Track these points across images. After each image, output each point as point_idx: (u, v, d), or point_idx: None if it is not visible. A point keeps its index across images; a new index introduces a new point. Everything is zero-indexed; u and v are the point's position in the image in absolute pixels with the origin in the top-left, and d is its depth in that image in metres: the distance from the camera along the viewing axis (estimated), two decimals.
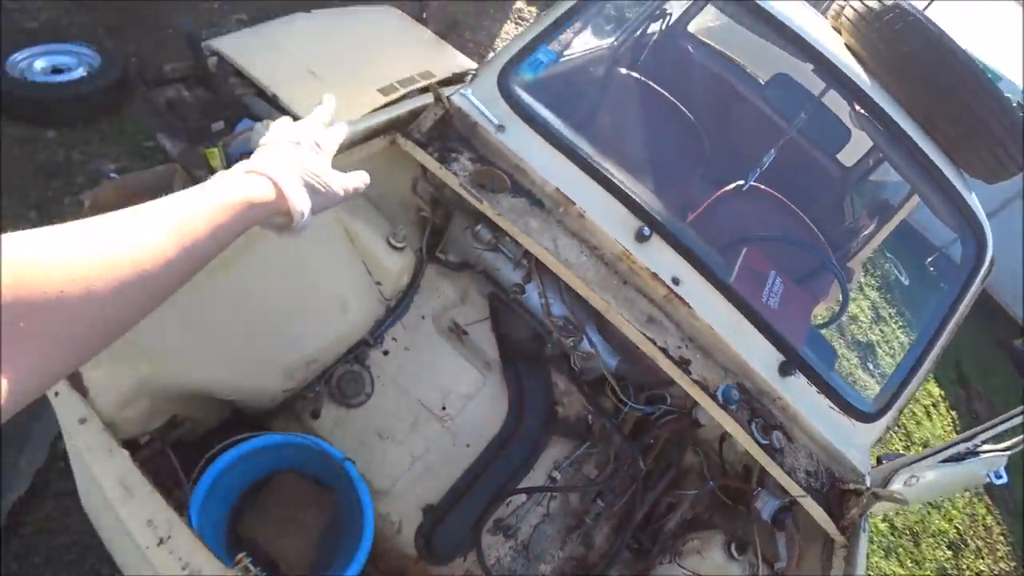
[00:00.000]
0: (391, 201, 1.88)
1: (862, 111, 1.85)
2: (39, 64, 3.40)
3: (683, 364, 1.58)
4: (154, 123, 3.34)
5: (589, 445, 1.85)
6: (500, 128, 1.71)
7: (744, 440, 1.57)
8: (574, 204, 1.66)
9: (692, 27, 3.86)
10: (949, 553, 4.35)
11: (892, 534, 4.05)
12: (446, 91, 1.74)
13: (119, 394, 1.30)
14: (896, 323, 5.78)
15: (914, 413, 5.14)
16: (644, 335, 1.56)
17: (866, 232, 3.05)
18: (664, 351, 1.57)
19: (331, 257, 1.70)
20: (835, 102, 2.87)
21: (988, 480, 2.80)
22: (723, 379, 1.63)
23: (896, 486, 2.13)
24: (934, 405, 5.42)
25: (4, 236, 0.46)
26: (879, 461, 2.32)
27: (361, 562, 1.43)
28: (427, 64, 3.14)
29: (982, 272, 1.87)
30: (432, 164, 1.64)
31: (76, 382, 1.22)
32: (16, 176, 2.99)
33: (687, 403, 1.80)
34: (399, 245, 1.75)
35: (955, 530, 4.54)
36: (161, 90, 3.21)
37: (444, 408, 1.80)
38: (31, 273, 0.45)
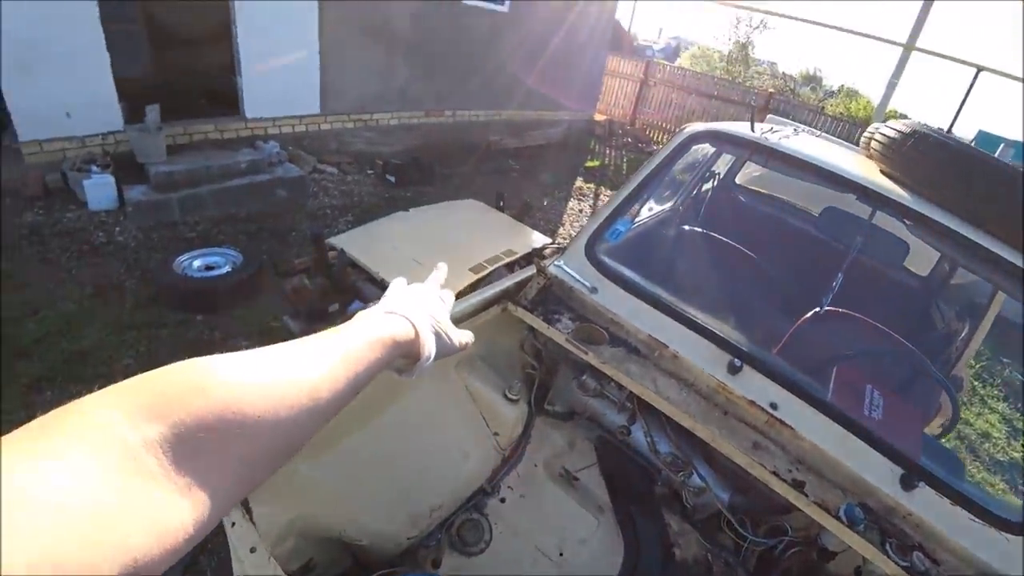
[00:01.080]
0: (502, 360, 2.12)
1: (912, 223, 1.98)
2: (196, 263, 4.22)
3: (798, 486, 1.60)
4: (281, 308, 3.91)
5: None
6: (593, 290, 1.99)
7: (881, 562, 1.51)
8: (667, 347, 1.84)
9: (740, 179, 4.22)
10: None
11: None
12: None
13: (278, 529, 1.43)
14: None
15: None
16: (753, 460, 1.61)
17: (962, 335, 2.97)
18: (776, 474, 1.60)
19: (455, 410, 1.92)
20: (885, 221, 3.00)
21: None
22: (843, 499, 1.62)
23: None
24: None
25: (208, 359, 0.48)
26: None
27: None
28: (509, 243, 3.63)
29: None
30: (541, 325, 1.90)
31: (248, 513, 1.33)
32: (170, 352, 3.55)
33: (811, 532, 1.75)
34: (514, 398, 1.95)
35: None
36: (288, 280, 3.81)
37: (561, 554, 1.82)
38: (236, 396, 0.46)
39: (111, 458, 0.36)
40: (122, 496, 0.35)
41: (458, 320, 1.89)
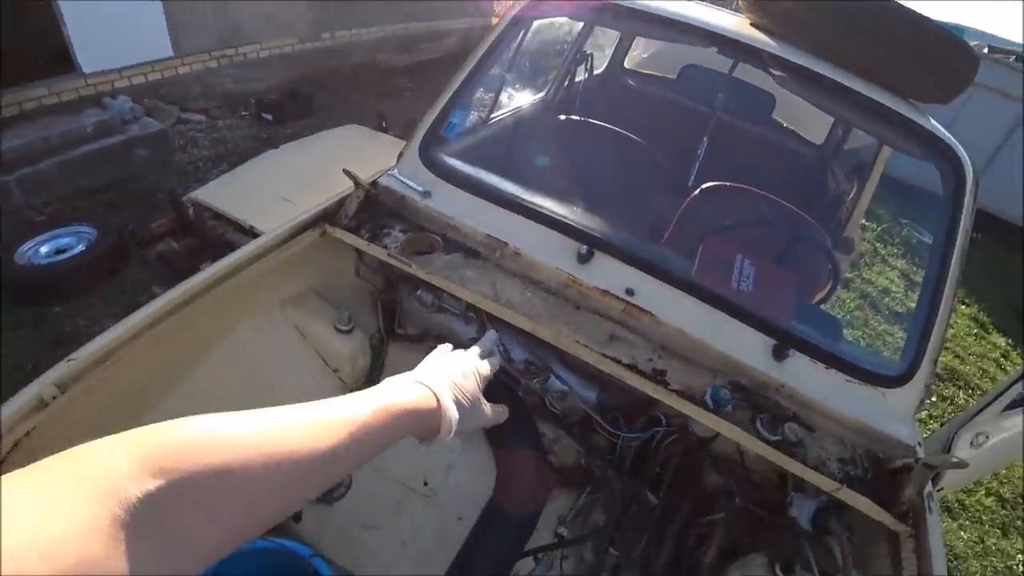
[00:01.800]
0: (342, 291, 1.83)
1: (780, 71, 1.74)
2: (43, 249, 3.63)
3: (658, 376, 1.41)
4: (150, 278, 3.46)
5: (590, 491, 1.63)
6: (426, 194, 1.71)
7: (747, 441, 1.35)
8: (507, 244, 1.60)
9: (629, 63, 3.91)
10: None
11: (1004, 507, 3.51)
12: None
13: None
14: None
15: (985, 371, 4.64)
16: (605, 355, 1.41)
17: (850, 196, 2.85)
18: (632, 367, 1.40)
19: (287, 351, 1.67)
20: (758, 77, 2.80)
21: None
22: (711, 382, 1.44)
23: (961, 452, 1.82)
24: (1004, 355, 4.90)
25: (211, 418, 0.49)
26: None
27: None
28: (389, 163, 3.22)
29: (968, 189, 1.66)
30: (360, 243, 1.60)
31: None
32: (29, 355, 3.07)
33: (685, 419, 1.60)
34: (345, 328, 1.69)
35: None
36: (153, 247, 3.36)
37: (426, 484, 1.64)
38: (235, 459, 0.46)
39: (107, 508, 0.36)
40: (109, 548, 0.35)
41: (271, 248, 1.59)
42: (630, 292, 1.52)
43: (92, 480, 0.36)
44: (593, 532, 1.56)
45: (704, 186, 1.98)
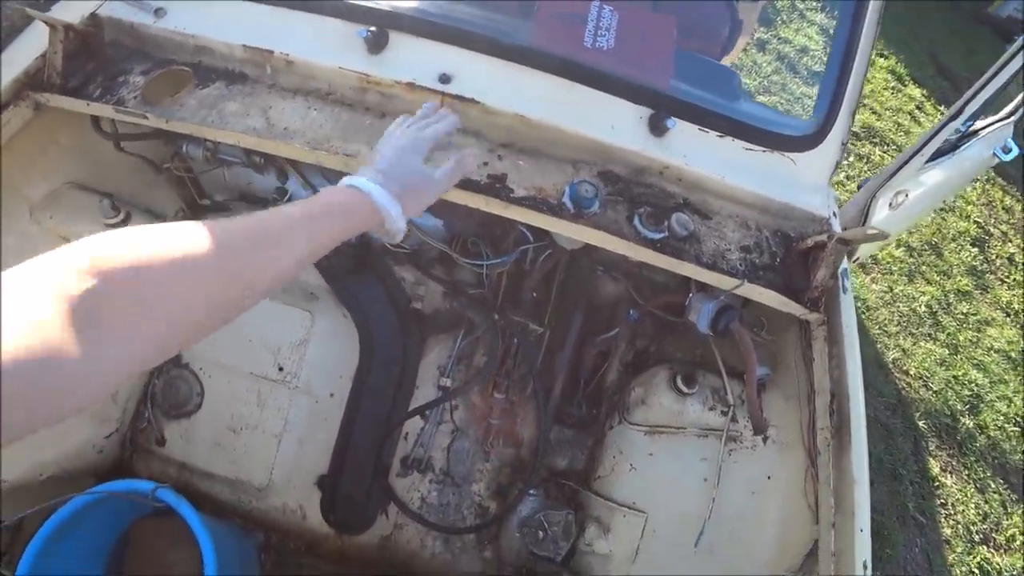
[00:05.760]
0: (113, 173, 1.27)
1: None
2: None
3: (495, 184, 0.95)
4: None
5: (466, 332, 1.28)
6: (159, 12, 1.10)
7: (623, 247, 0.95)
8: (272, 52, 1.04)
9: None
10: (975, 251, 3.64)
11: (911, 256, 3.39)
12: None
13: None
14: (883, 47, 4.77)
15: (900, 125, 4.29)
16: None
17: None
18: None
19: None
20: None
21: (997, 159, 2.08)
22: (571, 178, 1.00)
23: (880, 213, 1.48)
24: (919, 107, 4.52)
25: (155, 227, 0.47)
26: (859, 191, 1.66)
27: None
28: None
29: None
30: (78, 105, 1.02)
31: None
32: None
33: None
34: (115, 219, 1.17)
35: (975, 225, 3.79)
36: None
37: (282, 369, 1.28)
38: (170, 258, 0.45)
39: (60, 305, 0.38)
40: (65, 336, 0.37)
41: None
42: (445, 79, 1.00)
43: (47, 283, 0.39)
44: (474, 377, 1.24)
45: None
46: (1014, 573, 2.68)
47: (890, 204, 1.38)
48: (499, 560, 1.26)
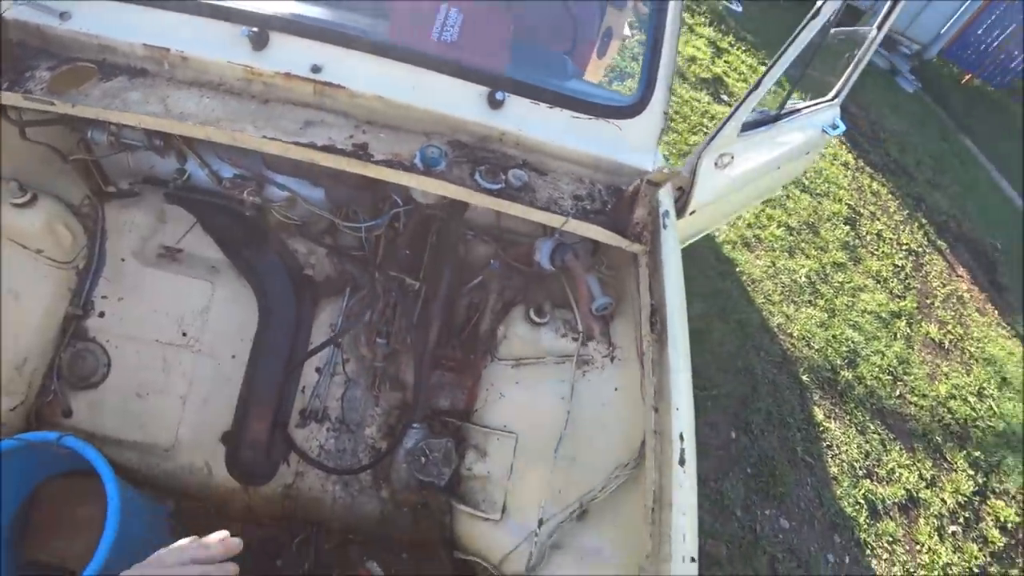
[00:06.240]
0: (18, 161, 1.37)
1: None
2: None
3: (359, 151, 1.14)
4: None
5: (351, 291, 1.44)
6: (64, 15, 1.24)
7: (464, 194, 1.15)
8: (168, 50, 1.20)
9: None
10: (847, 228, 4.12)
11: (791, 235, 3.81)
12: None
13: None
14: (740, 48, 5.32)
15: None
16: (296, 143, 1.11)
17: None
18: (329, 148, 1.12)
19: None
20: None
21: (827, 134, 2.44)
22: (424, 144, 1.19)
23: (707, 173, 1.71)
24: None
25: None
26: None
27: (109, 540, 1.06)
28: None
29: None
30: None
31: None
32: None
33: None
34: (22, 200, 1.27)
35: (847, 207, 4.29)
36: None
37: (185, 335, 1.39)
38: None
39: None
40: None
41: None
42: (316, 69, 1.19)
43: None
44: (355, 323, 1.39)
45: None
46: (896, 500, 3.00)
47: (715, 164, 1.64)
48: (395, 499, 1.39)
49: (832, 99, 2.30)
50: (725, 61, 5.06)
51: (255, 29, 1.18)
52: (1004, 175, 6.28)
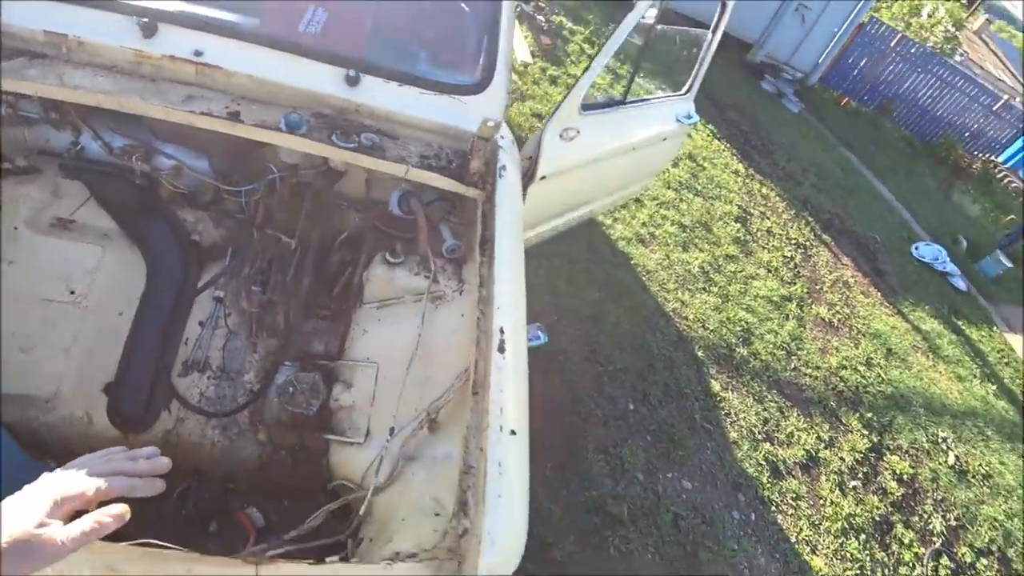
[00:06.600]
0: None
1: None
2: None
3: (232, 116, 1.37)
4: None
5: (233, 252, 1.61)
6: None
7: (320, 149, 1.38)
8: (67, 36, 1.41)
9: None
10: (738, 226, 4.58)
11: (684, 232, 4.21)
12: None
13: None
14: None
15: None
16: (182, 110, 1.34)
17: None
18: (208, 114, 1.35)
19: None
20: None
21: (683, 123, 2.81)
22: (288, 111, 1.43)
23: (553, 144, 1.95)
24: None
25: None
26: None
27: None
28: None
29: None
30: None
31: None
32: None
33: (291, 160, 1.60)
34: None
35: (738, 208, 4.78)
36: None
37: (73, 292, 1.50)
38: None
39: None
40: None
41: None
42: (198, 53, 1.43)
43: None
44: (231, 271, 1.56)
45: None
46: (797, 460, 3.25)
47: (561, 136, 1.93)
48: (272, 442, 1.49)
49: (684, 93, 2.70)
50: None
51: (146, 20, 1.41)
52: (880, 180, 7.08)
